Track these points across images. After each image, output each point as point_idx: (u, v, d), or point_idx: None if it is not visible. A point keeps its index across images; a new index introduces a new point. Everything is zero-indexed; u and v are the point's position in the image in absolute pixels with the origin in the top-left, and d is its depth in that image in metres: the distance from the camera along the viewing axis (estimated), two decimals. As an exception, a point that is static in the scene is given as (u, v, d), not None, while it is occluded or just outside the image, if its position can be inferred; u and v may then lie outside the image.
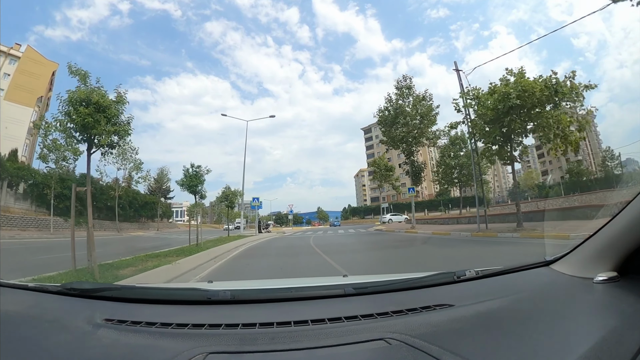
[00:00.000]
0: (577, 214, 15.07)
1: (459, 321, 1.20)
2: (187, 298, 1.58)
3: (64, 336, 1.19)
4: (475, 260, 8.84)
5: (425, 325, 1.16)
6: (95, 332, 1.18)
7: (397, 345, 1.02)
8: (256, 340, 1.09)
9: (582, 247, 1.52)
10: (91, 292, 1.55)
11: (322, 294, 1.55)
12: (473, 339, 1.09)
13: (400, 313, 1.27)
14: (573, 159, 65.57)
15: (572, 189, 54.69)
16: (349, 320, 1.22)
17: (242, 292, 1.62)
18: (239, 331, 1.17)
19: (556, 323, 1.13)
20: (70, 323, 1.29)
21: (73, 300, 1.51)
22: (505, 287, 1.59)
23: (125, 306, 1.45)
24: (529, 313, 1.26)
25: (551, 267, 1.64)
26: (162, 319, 1.25)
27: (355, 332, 1.13)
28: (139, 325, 1.22)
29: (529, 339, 1.04)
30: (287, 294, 1.55)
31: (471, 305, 1.33)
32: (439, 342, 1.01)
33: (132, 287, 1.99)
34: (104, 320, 1.26)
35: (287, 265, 9.50)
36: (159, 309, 1.43)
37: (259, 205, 30.01)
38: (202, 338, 1.11)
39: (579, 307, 1.28)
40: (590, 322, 1.16)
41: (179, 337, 1.13)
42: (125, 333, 1.18)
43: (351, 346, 1.05)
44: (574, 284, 1.43)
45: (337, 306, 1.41)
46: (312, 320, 1.21)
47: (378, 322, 1.22)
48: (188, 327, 1.19)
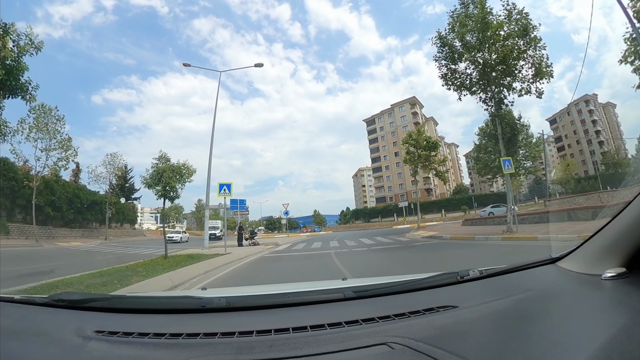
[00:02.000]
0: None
1: (463, 323, 1.17)
2: (181, 306, 1.52)
3: (53, 350, 1.13)
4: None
5: (428, 328, 1.13)
6: (85, 345, 1.12)
7: (400, 349, 0.99)
8: (253, 349, 1.05)
9: (589, 243, 1.47)
10: (80, 303, 1.50)
11: (321, 299, 1.50)
12: (479, 340, 1.08)
13: (402, 316, 1.23)
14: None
15: (610, 182, 47.22)
16: (350, 325, 1.18)
17: (238, 299, 1.58)
18: (235, 340, 1.12)
19: (564, 322, 1.11)
20: (59, 336, 1.23)
21: (61, 312, 1.47)
22: (511, 287, 1.54)
23: (116, 317, 1.40)
24: (536, 312, 1.23)
25: (557, 264, 1.60)
26: (155, 329, 1.21)
27: (356, 337, 1.09)
28: (131, 337, 1.17)
29: (537, 339, 1.00)
30: (285, 300, 1.49)
31: (476, 306, 1.30)
32: (444, 345, 0.98)
33: (123, 296, 1.92)
34: (94, 332, 1.20)
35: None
36: (152, 318, 1.39)
37: (227, 192, 15.43)
38: (197, 348, 1.07)
39: (587, 304, 1.22)
40: (599, 319, 1.10)
41: (173, 347, 1.09)
42: (117, 345, 1.13)
43: (352, 352, 1.01)
44: (582, 281, 1.39)
45: (337, 311, 1.37)
46: (311, 326, 1.17)
47: (380, 326, 1.17)
48: (182, 337, 1.14)
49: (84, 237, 34.50)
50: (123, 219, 44.34)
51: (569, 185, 53.88)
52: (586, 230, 8.09)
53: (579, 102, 74.87)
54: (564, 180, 55.86)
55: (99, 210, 36.19)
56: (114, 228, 41.52)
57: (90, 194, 36.80)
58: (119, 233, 39.98)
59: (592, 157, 73.66)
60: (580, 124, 76.10)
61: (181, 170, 12.16)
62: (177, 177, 12.03)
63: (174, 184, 12.00)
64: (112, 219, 40.99)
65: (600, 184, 52.30)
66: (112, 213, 39.27)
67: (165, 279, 6.97)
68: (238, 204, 30.43)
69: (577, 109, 76.16)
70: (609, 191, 28.36)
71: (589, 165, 73.08)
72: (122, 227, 43.51)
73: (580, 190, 49.29)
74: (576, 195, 32.84)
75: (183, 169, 12.26)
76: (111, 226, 41.09)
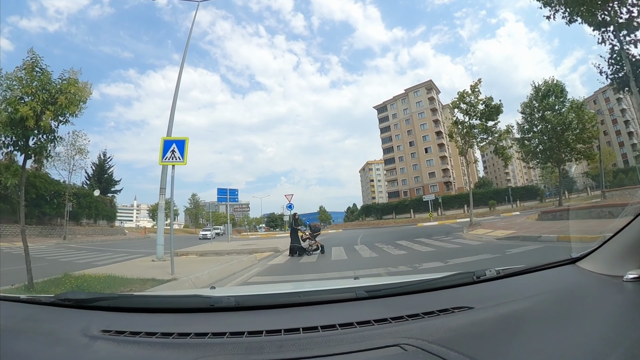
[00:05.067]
0: None
1: (479, 325, 1.14)
2: (189, 306, 1.47)
3: (59, 349, 1.12)
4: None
5: (443, 330, 1.09)
6: (92, 344, 1.11)
7: (413, 351, 0.97)
8: (263, 349, 1.03)
9: (611, 243, 1.42)
10: (87, 302, 1.48)
11: (332, 298, 1.46)
12: (494, 343, 1.03)
13: (416, 317, 1.20)
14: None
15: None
16: (362, 325, 1.14)
17: (247, 298, 1.54)
18: (245, 339, 1.10)
19: (584, 325, 1.08)
20: (66, 335, 1.21)
21: (68, 311, 1.45)
22: (529, 287, 1.50)
23: (123, 316, 1.38)
24: (555, 315, 1.17)
25: (577, 264, 1.56)
26: (163, 328, 1.18)
27: (368, 338, 1.06)
28: (139, 336, 1.15)
29: (555, 343, 0.98)
30: (295, 299, 1.47)
31: (492, 307, 1.26)
32: (458, 347, 0.96)
33: (130, 295, 1.99)
34: (101, 331, 1.18)
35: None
36: (159, 317, 1.36)
37: (176, 155, 7.47)
38: (206, 348, 1.05)
39: (608, 307, 1.18)
40: (620, 323, 1.07)
41: (181, 347, 1.08)
42: (124, 344, 1.11)
43: (364, 353, 0.99)
44: (603, 282, 1.35)
45: (349, 311, 1.33)
46: (322, 326, 1.14)
47: (392, 327, 1.14)
48: (190, 337, 1.12)
49: (42, 235, 27.89)
50: (97, 214, 37.63)
51: (606, 178, 47.30)
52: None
53: (606, 89, 67.99)
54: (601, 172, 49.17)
55: (63, 203, 29.45)
56: (85, 225, 34.86)
57: (52, 183, 30.09)
58: (89, 231, 33.33)
59: (621, 149, 66.98)
60: (608, 113, 68.83)
61: (52, 89, 5.37)
62: (45, 102, 5.24)
63: (46, 121, 5.34)
64: (82, 215, 34.29)
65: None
66: (79, 207, 32.59)
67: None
68: (227, 195, 23.80)
69: (605, 97, 69.21)
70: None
71: (617, 158, 66.28)
72: (96, 225, 36.82)
73: (618, 184, 43.11)
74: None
75: (63, 86, 5.46)
76: (81, 223, 34.43)
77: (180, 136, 7.74)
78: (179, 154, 7.39)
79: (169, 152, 7.38)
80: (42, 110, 5.13)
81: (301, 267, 9.07)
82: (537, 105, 30.90)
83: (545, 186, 66.98)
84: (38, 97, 5.18)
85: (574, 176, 63.72)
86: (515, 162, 53.45)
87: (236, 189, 24.00)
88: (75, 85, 5.38)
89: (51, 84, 5.38)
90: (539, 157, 32.33)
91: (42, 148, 5.39)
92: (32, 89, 5.23)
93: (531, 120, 31.32)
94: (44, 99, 5.21)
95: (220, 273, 7.44)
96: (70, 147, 27.48)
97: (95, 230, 35.20)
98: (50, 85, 5.34)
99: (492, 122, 18.98)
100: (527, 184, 74.98)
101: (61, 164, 27.80)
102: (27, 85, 5.29)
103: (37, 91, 5.23)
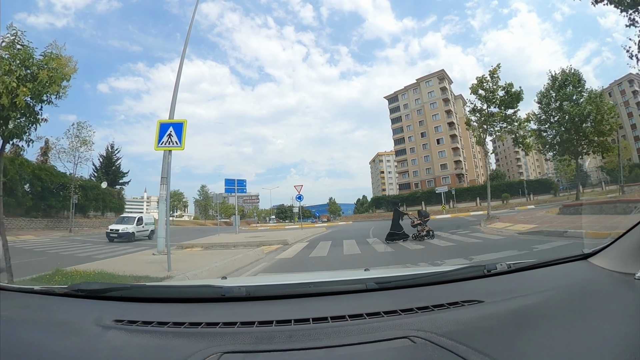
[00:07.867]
0: None
1: (488, 318, 1.13)
2: (200, 295, 1.48)
3: (72, 339, 1.12)
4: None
5: (452, 323, 1.09)
6: (105, 334, 1.12)
7: (422, 343, 0.97)
8: (273, 339, 1.03)
9: (623, 239, 1.42)
10: (99, 293, 1.47)
11: (342, 289, 1.46)
12: (504, 337, 1.03)
13: (425, 309, 1.19)
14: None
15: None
16: (371, 317, 1.14)
17: (258, 288, 1.53)
18: (255, 329, 1.10)
19: (595, 322, 1.07)
20: (79, 325, 1.21)
21: (81, 301, 1.45)
22: (540, 282, 1.47)
23: (136, 306, 1.38)
24: (565, 310, 1.19)
25: (589, 260, 1.55)
26: (174, 318, 1.18)
27: (377, 330, 1.06)
28: (150, 326, 1.15)
29: (565, 339, 0.98)
30: (305, 290, 1.47)
31: (502, 301, 1.26)
32: (467, 340, 0.96)
33: (143, 286, 1.91)
34: (113, 321, 1.19)
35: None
36: (171, 307, 1.36)
37: (173, 140, 6.66)
38: (217, 337, 1.05)
39: (619, 304, 1.18)
40: (631, 321, 1.07)
41: (192, 336, 1.07)
42: (136, 334, 1.12)
43: (373, 344, 0.98)
44: (615, 279, 1.34)
45: (358, 302, 1.32)
46: (331, 317, 1.14)
47: (402, 319, 1.14)
48: (201, 326, 1.13)
49: (48, 228, 27.72)
50: (104, 206, 37.44)
51: (623, 172, 45.85)
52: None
53: (622, 81, 65.75)
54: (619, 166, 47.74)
55: (69, 195, 29.16)
56: (92, 217, 34.71)
57: (57, 175, 29.83)
58: (96, 224, 33.04)
59: (637, 144, 64.83)
60: (624, 106, 66.49)
61: (31, 66, 4.74)
62: (22, 79, 4.61)
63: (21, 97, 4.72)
64: (89, 207, 34.10)
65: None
66: (86, 199, 32.35)
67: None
68: (235, 185, 23.31)
69: (620, 89, 66.97)
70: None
71: (633, 152, 64.21)
72: (103, 217, 36.63)
73: (634, 179, 41.82)
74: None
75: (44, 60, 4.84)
76: (88, 215, 34.27)
77: (178, 119, 7.07)
78: (177, 137, 6.68)
79: (165, 136, 6.65)
80: (17, 86, 4.51)
81: (310, 263, 8.44)
82: (554, 95, 29.75)
83: (559, 179, 65.55)
84: (14, 73, 4.56)
85: (587, 170, 62.17)
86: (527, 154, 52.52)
87: (244, 179, 23.41)
88: (56, 60, 4.73)
89: (31, 59, 4.76)
90: (556, 148, 31.24)
91: (21, 130, 4.77)
92: (8, 66, 4.60)
93: (548, 110, 30.17)
94: (21, 75, 4.59)
95: (222, 269, 6.82)
96: (75, 138, 27.14)
97: (102, 223, 34.94)
98: (29, 62, 4.72)
99: (512, 109, 18.00)
100: (540, 177, 73.46)
101: (66, 155, 27.55)
102: (5, 62, 4.67)
103: (14, 67, 4.61)
